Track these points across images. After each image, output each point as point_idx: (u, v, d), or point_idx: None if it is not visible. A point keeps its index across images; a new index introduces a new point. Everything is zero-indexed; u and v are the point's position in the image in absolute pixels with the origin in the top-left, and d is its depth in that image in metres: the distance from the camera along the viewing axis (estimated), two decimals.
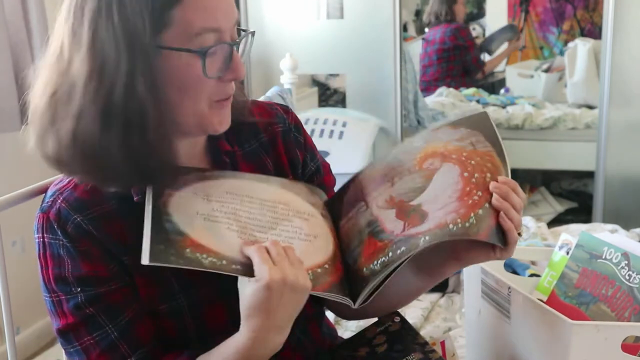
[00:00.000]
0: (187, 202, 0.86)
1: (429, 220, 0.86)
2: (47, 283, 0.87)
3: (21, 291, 1.58)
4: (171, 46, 0.80)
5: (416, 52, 4.17)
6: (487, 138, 0.91)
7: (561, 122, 3.47)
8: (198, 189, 0.88)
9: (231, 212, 0.88)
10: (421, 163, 0.92)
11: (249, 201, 0.90)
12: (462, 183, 0.87)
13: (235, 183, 0.91)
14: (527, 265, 1.58)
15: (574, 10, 4.59)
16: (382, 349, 0.99)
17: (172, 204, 0.86)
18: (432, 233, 0.84)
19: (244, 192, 0.91)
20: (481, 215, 0.84)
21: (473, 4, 4.96)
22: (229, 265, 0.81)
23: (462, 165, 0.89)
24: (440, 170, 0.90)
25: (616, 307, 1.02)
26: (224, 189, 0.90)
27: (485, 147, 0.90)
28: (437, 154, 0.91)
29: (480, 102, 3.82)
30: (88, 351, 0.86)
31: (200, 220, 0.85)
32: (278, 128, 1.02)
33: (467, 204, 0.85)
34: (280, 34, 3.06)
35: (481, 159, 0.89)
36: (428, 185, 0.90)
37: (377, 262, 0.87)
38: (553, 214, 3.50)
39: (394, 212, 0.90)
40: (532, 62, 4.54)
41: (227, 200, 0.89)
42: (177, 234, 0.82)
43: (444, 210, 0.86)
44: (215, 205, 0.87)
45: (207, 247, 0.82)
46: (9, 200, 1.11)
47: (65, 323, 0.86)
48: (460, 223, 0.84)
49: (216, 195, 0.88)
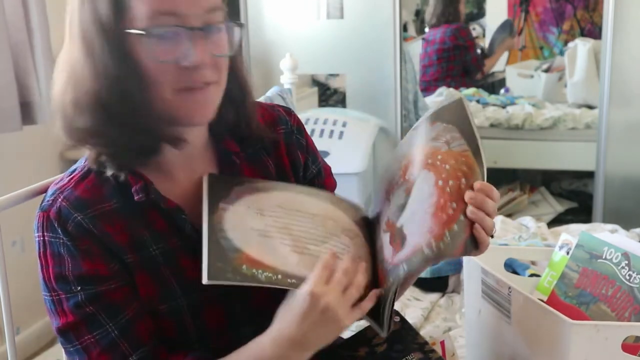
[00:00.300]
0: (241, 217, 0.88)
1: (407, 245, 0.86)
2: (47, 282, 0.87)
3: (21, 291, 1.58)
4: (128, 29, 0.82)
5: (416, 52, 4.17)
6: (462, 133, 0.89)
7: (561, 122, 3.47)
8: (251, 203, 0.90)
9: (283, 227, 0.89)
10: (404, 173, 0.92)
11: (300, 215, 0.92)
12: (436, 195, 0.86)
13: (286, 196, 0.94)
14: (527, 265, 1.58)
15: (574, 10, 4.59)
16: (382, 348, 0.99)
17: (226, 219, 0.87)
18: (409, 261, 0.84)
19: (294, 206, 0.92)
20: (456, 231, 0.83)
21: (473, 4, 4.96)
22: (284, 279, 0.83)
23: (437, 172, 0.87)
24: (417, 180, 0.89)
25: (616, 307, 1.03)
26: (276, 202, 0.92)
27: (460, 146, 0.88)
28: (416, 161, 0.91)
29: (480, 102, 3.82)
30: (88, 350, 0.86)
31: (255, 236, 0.87)
32: (280, 130, 1.02)
33: (442, 221, 0.84)
34: (280, 34, 3.06)
35: (456, 162, 0.87)
36: (408, 201, 0.89)
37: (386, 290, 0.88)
38: (553, 214, 3.50)
39: (388, 236, 0.91)
40: (532, 62, 4.54)
41: (279, 214, 0.91)
42: (234, 251, 0.84)
43: (420, 230, 0.85)
44: (269, 220, 0.89)
45: (262, 262, 0.84)
46: (9, 200, 1.11)
47: (65, 322, 0.86)
48: (435, 245, 0.83)
49: (268, 209, 0.91)
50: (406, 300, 1.79)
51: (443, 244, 0.82)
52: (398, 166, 0.94)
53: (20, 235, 2.26)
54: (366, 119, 2.87)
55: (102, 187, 0.89)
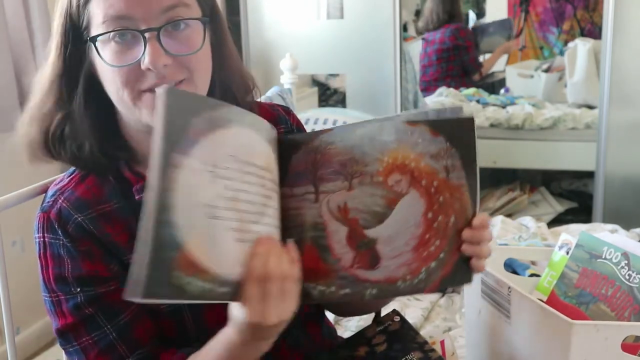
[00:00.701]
0: (194, 181, 0.67)
1: (380, 269, 0.80)
2: (46, 283, 0.87)
3: (21, 291, 1.58)
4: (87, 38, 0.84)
5: (416, 52, 4.17)
6: (464, 164, 0.82)
7: (561, 122, 3.47)
8: (207, 152, 0.69)
9: (233, 198, 0.71)
10: (387, 173, 0.80)
11: (249, 172, 0.74)
12: (422, 227, 0.81)
13: (240, 135, 0.74)
14: (527, 265, 1.58)
15: (574, 10, 4.59)
16: (382, 348, 0.99)
17: (177, 187, 0.65)
18: (380, 288, 0.80)
19: (247, 153, 0.74)
20: (433, 269, 0.81)
21: (473, 4, 4.96)
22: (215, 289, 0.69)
23: (429, 202, 0.81)
24: (405, 199, 0.81)
25: (616, 307, 1.03)
26: (230, 149, 0.72)
27: (458, 179, 0.82)
28: (407, 170, 0.81)
29: (480, 102, 3.82)
30: (87, 351, 0.86)
31: (203, 218, 0.67)
32: (280, 129, 1.02)
33: (421, 257, 0.80)
34: (280, 34, 3.06)
35: (451, 196, 0.81)
36: (389, 214, 0.80)
37: (315, 287, 0.80)
38: (553, 214, 3.50)
39: (346, 231, 0.80)
40: (532, 62, 4.54)
41: (232, 173, 0.72)
42: (173, 248, 0.64)
43: (397, 260, 0.80)
44: (220, 187, 0.70)
45: (199, 263, 0.66)
46: (9, 200, 1.11)
47: (64, 323, 0.86)
48: (409, 280, 0.80)
49: (222, 163, 0.71)
50: (406, 300, 1.79)
51: (417, 280, 0.80)
52: (377, 157, 0.80)
53: (20, 235, 2.26)
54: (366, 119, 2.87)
55: (102, 188, 0.89)
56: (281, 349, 0.96)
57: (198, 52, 0.85)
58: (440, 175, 0.81)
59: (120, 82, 0.83)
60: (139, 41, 0.82)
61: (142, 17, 0.81)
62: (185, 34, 0.85)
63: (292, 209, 0.82)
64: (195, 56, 0.85)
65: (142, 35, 0.81)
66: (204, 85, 0.89)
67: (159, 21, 0.82)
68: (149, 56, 0.81)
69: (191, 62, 0.85)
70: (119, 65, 0.82)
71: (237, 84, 0.95)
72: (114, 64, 0.82)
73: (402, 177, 0.81)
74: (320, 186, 0.81)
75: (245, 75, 0.98)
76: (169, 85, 0.82)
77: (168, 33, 0.83)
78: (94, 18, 0.83)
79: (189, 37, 0.85)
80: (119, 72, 0.83)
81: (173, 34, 0.84)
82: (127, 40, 0.82)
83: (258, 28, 3.08)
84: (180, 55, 0.84)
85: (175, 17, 0.83)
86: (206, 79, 0.89)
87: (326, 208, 0.81)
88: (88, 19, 0.84)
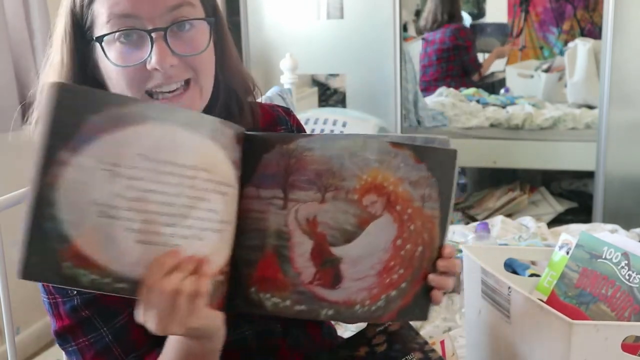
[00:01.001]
0: (85, 180, 0.65)
1: (340, 290, 0.77)
2: (45, 285, 0.87)
3: (21, 291, 1.58)
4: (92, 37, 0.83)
5: (416, 52, 4.17)
6: (440, 193, 0.80)
7: (561, 122, 3.47)
8: (107, 151, 0.66)
9: (137, 198, 0.68)
10: (363, 192, 0.77)
11: (167, 172, 0.70)
12: (390, 253, 0.78)
13: (161, 133, 0.69)
14: (527, 265, 1.58)
15: (574, 10, 4.59)
16: (382, 348, 0.99)
17: (62, 184, 0.65)
18: (337, 309, 0.77)
19: (165, 152, 0.69)
20: (393, 297, 0.79)
21: (473, 4, 4.96)
22: (113, 284, 0.68)
23: (401, 228, 0.78)
24: (377, 221, 0.77)
25: (616, 307, 1.02)
26: (142, 148, 0.68)
27: (432, 210, 0.80)
28: (384, 192, 0.77)
29: (480, 102, 3.82)
30: (83, 352, 0.87)
31: (94, 216, 0.66)
32: (280, 130, 1.02)
33: (383, 284, 0.78)
34: (280, 34, 3.06)
35: (422, 226, 0.80)
36: (358, 235, 0.77)
37: (269, 297, 0.77)
38: (553, 214, 3.50)
39: (311, 245, 0.77)
40: (532, 62, 4.54)
41: (139, 173, 0.68)
42: (60, 240, 0.65)
43: (359, 283, 0.77)
44: (121, 186, 0.67)
45: (91, 258, 0.66)
46: (9, 200, 1.11)
47: (61, 325, 0.87)
48: (368, 305, 0.78)
49: (127, 161, 0.67)
50: None
51: (375, 307, 0.78)
52: (355, 173, 0.76)
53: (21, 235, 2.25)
54: (366, 119, 2.87)
55: None
56: (281, 349, 0.96)
57: (203, 53, 0.86)
58: (415, 204, 0.79)
59: (125, 83, 0.83)
60: (145, 41, 0.82)
61: (147, 16, 0.81)
62: (191, 34, 0.85)
63: (255, 211, 0.78)
64: (200, 56, 0.85)
65: (148, 35, 0.81)
66: (208, 85, 0.89)
67: (165, 20, 0.82)
68: (156, 56, 0.81)
69: (197, 63, 0.85)
70: (125, 65, 0.82)
71: (239, 85, 0.95)
72: (119, 64, 0.82)
73: (378, 198, 0.77)
74: (290, 193, 0.77)
75: (246, 76, 0.98)
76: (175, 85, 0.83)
77: (174, 33, 0.83)
78: (98, 17, 0.82)
79: (195, 38, 0.85)
80: (125, 72, 0.82)
81: (178, 34, 0.83)
82: (132, 40, 0.82)
83: (258, 28, 3.08)
84: (187, 56, 0.84)
85: (180, 16, 0.83)
86: (211, 79, 0.89)
87: (294, 217, 0.77)
88: (92, 18, 0.83)
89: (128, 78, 0.83)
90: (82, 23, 0.84)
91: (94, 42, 0.83)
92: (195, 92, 0.86)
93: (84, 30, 0.85)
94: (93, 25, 0.84)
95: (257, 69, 3.10)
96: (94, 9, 0.83)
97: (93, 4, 0.83)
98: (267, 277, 0.77)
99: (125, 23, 0.81)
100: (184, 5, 0.83)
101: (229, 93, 0.94)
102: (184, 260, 0.70)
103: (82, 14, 0.84)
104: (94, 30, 0.84)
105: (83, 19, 0.84)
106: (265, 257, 0.77)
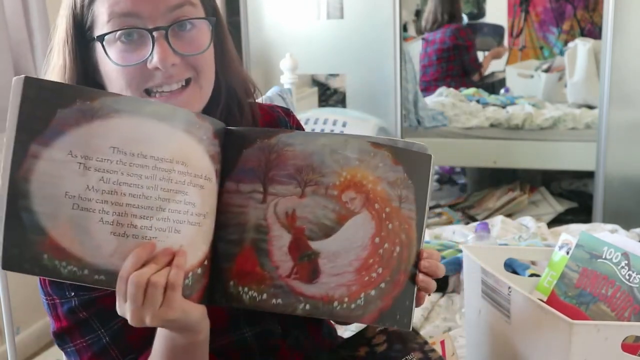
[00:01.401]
0: (57, 173, 0.67)
1: (318, 285, 0.77)
2: (43, 286, 0.87)
3: (21, 291, 1.58)
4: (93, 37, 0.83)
5: (416, 52, 4.17)
6: (416, 198, 0.81)
7: (561, 122, 3.47)
8: (76, 143, 0.68)
9: (111, 191, 0.69)
10: (343, 189, 0.78)
11: (141, 165, 0.71)
12: (368, 250, 0.78)
13: (131, 125, 0.71)
14: (527, 265, 1.58)
15: (574, 10, 4.60)
16: (382, 348, 0.99)
17: (35, 177, 0.67)
18: (314, 305, 0.77)
19: (138, 145, 0.71)
20: (372, 297, 0.78)
21: (473, 4, 4.96)
22: (91, 275, 0.70)
23: (378, 226, 0.79)
24: (356, 218, 0.79)
25: (616, 307, 1.02)
26: (113, 141, 0.70)
27: (409, 211, 0.80)
28: (363, 190, 0.79)
29: (480, 102, 3.82)
30: (81, 353, 0.87)
31: (68, 208, 0.68)
32: None
33: (362, 282, 0.78)
34: (280, 34, 3.06)
35: (399, 226, 0.80)
36: (337, 230, 0.78)
37: (247, 291, 0.78)
38: (553, 214, 3.50)
39: (289, 239, 0.78)
40: (532, 62, 4.55)
41: (111, 166, 0.69)
42: (37, 231, 0.67)
43: (337, 279, 0.78)
44: (93, 179, 0.68)
45: (68, 250, 0.68)
46: None
47: (59, 326, 0.87)
48: (346, 303, 0.77)
49: (98, 154, 0.69)
50: None
51: (354, 305, 0.77)
52: (335, 170, 0.78)
53: None
54: (366, 119, 2.88)
55: None
56: (281, 349, 0.96)
57: (204, 53, 0.86)
58: (393, 204, 0.79)
59: (125, 82, 0.83)
60: (146, 40, 0.82)
61: (148, 15, 0.81)
62: (192, 34, 0.85)
63: (235, 206, 0.79)
64: (202, 56, 0.85)
65: (150, 34, 0.81)
66: (208, 85, 0.88)
67: (166, 19, 0.82)
68: (157, 55, 0.81)
69: (198, 62, 0.85)
70: (125, 65, 0.82)
71: (239, 86, 0.95)
72: (120, 64, 0.82)
73: (357, 195, 0.79)
74: (269, 187, 0.79)
75: (246, 78, 0.98)
76: (176, 85, 0.83)
77: (175, 33, 0.83)
78: (99, 17, 0.82)
79: (196, 37, 0.85)
80: (125, 71, 0.82)
81: (179, 33, 0.83)
82: (133, 39, 0.82)
83: (258, 28, 3.08)
84: (188, 55, 0.84)
85: (181, 15, 0.83)
86: (211, 79, 0.89)
87: (272, 211, 0.78)
88: (93, 18, 0.83)
89: (128, 77, 0.82)
90: (83, 24, 0.84)
91: (95, 42, 0.83)
92: (195, 91, 0.86)
93: (84, 31, 0.85)
94: (94, 25, 0.83)
95: (257, 69, 3.10)
96: (95, 8, 0.83)
97: (94, 4, 0.83)
98: (245, 271, 0.78)
99: (126, 22, 0.81)
100: (185, 4, 0.83)
101: (229, 94, 0.94)
102: (160, 252, 0.71)
103: (82, 14, 0.84)
104: (94, 30, 0.83)
105: (84, 19, 0.84)
106: (244, 250, 0.78)
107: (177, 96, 0.84)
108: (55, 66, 0.87)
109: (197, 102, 0.87)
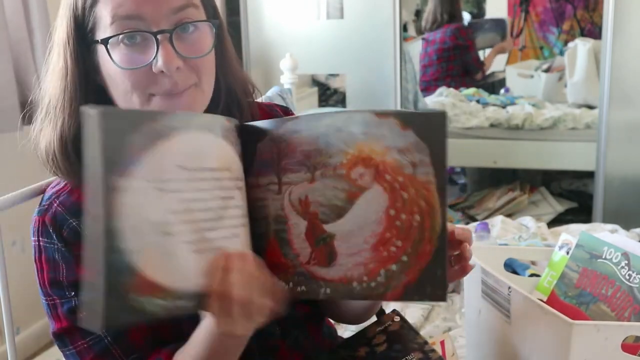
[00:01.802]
0: (141, 202, 0.65)
1: (335, 266, 0.76)
2: (42, 286, 0.87)
3: (21, 291, 1.58)
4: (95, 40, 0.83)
5: (416, 52, 4.17)
6: (432, 157, 0.75)
7: (561, 122, 3.47)
8: (151, 169, 0.67)
9: (185, 210, 0.69)
10: (351, 166, 0.77)
11: (202, 178, 0.72)
12: (384, 225, 0.76)
13: (186, 141, 0.71)
14: (527, 265, 1.58)
15: (574, 10, 4.59)
16: (382, 348, 0.99)
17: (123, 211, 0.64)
18: (334, 288, 0.76)
19: (196, 159, 0.72)
20: (394, 272, 0.75)
21: (473, 3, 4.96)
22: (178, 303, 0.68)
23: (392, 198, 0.76)
24: (366, 193, 0.76)
25: (616, 307, 1.03)
26: (176, 159, 0.70)
27: (425, 175, 0.75)
28: (372, 163, 0.76)
29: (480, 102, 3.82)
30: (82, 355, 0.86)
31: (153, 236, 0.66)
32: None
33: (380, 257, 0.75)
34: (280, 34, 3.06)
35: (416, 193, 0.75)
36: (349, 209, 0.77)
37: (277, 282, 0.78)
38: (553, 214, 3.50)
39: (305, 225, 0.78)
40: (532, 62, 4.55)
41: (180, 185, 0.69)
42: (128, 274, 0.64)
43: (354, 258, 0.76)
44: (170, 201, 0.68)
45: (155, 282, 0.65)
46: (9, 200, 1.11)
47: (59, 327, 0.86)
48: (366, 282, 0.75)
49: (169, 176, 0.68)
50: None
51: (375, 283, 0.75)
52: (341, 148, 0.77)
53: (21, 235, 2.26)
54: None
55: None
56: (281, 349, 0.96)
57: (206, 55, 0.85)
58: (406, 171, 0.76)
59: (130, 85, 0.82)
60: (149, 43, 0.81)
61: (152, 17, 0.80)
62: (194, 37, 0.84)
63: (258, 200, 0.80)
64: (203, 59, 0.85)
65: (154, 37, 0.81)
66: (209, 87, 0.88)
67: (169, 22, 0.82)
68: (162, 58, 0.81)
69: (200, 65, 0.85)
70: (130, 68, 0.81)
71: (239, 87, 0.95)
72: (125, 67, 0.81)
73: (366, 170, 0.77)
74: (283, 177, 0.79)
75: (246, 78, 0.98)
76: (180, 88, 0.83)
77: (178, 35, 0.82)
78: (102, 20, 0.82)
79: (198, 40, 0.85)
80: (129, 75, 0.82)
81: (182, 36, 0.83)
82: (136, 42, 0.81)
83: (258, 28, 3.08)
84: (192, 58, 0.83)
85: (185, 18, 0.83)
86: (212, 81, 0.89)
87: (288, 200, 0.79)
88: (94, 21, 0.83)
89: (132, 81, 0.82)
90: (84, 25, 0.84)
91: (97, 45, 0.83)
92: (197, 93, 0.86)
93: (85, 33, 0.84)
94: (95, 27, 0.83)
95: (257, 69, 3.10)
96: (97, 11, 0.82)
97: (96, 6, 0.82)
98: (274, 263, 0.79)
99: (129, 25, 0.80)
100: (189, 6, 0.83)
101: (229, 94, 0.94)
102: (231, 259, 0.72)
103: (84, 16, 0.83)
104: (96, 32, 0.83)
105: (85, 21, 0.83)
106: (270, 243, 0.79)
107: (179, 98, 0.84)
108: (56, 68, 0.87)
109: (199, 104, 0.87)
